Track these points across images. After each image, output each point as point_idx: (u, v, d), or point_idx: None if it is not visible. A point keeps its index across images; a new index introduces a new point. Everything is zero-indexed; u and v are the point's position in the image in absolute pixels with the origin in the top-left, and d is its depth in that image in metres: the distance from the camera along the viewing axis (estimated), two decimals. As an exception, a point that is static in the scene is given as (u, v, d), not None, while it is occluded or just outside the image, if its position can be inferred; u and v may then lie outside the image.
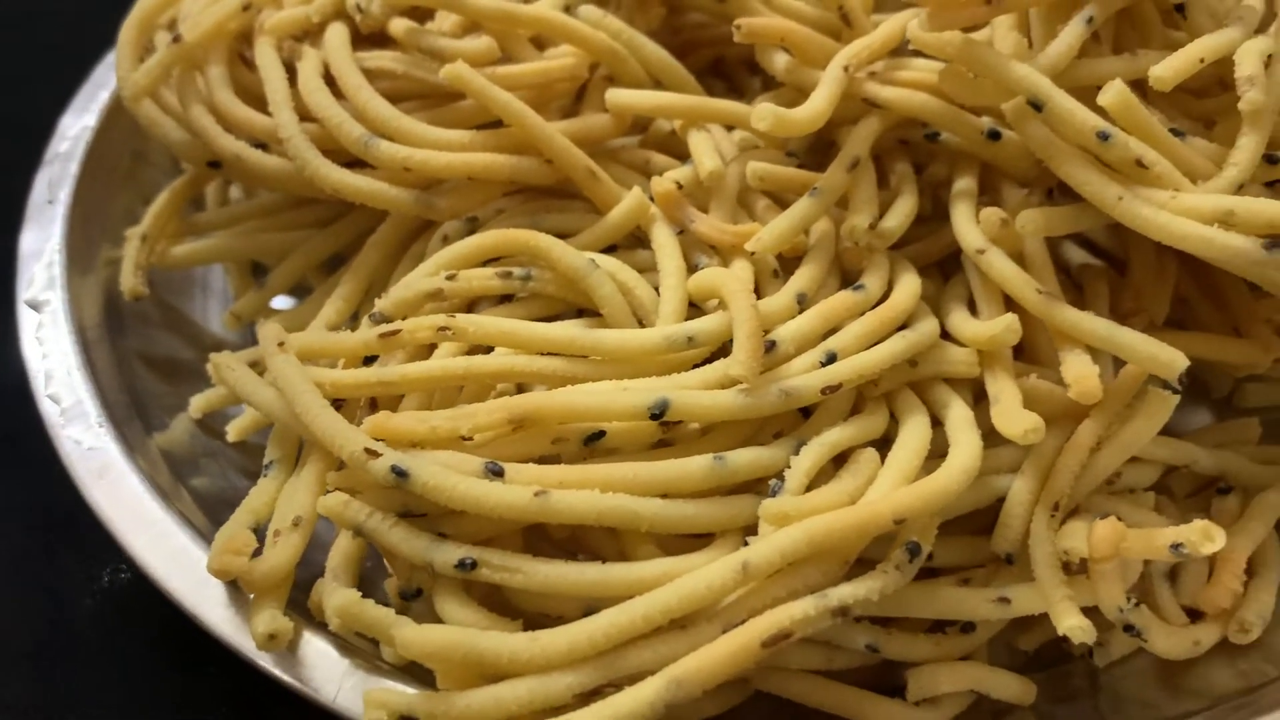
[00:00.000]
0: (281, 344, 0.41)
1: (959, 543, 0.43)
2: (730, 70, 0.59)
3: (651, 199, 0.47)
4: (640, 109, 0.48)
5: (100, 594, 0.46)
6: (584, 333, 0.41)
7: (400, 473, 0.36)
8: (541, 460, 0.38)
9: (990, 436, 0.42)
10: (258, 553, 0.38)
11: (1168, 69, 0.42)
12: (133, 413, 0.47)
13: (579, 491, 0.35)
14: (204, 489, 0.45)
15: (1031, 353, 0.46)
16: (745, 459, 0.38)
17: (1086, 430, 0.42)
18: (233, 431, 0.48)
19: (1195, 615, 0.44)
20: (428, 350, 0.42)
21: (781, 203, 0.47)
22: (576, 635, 0.34)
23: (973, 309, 0.46)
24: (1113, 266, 0.52)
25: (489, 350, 0.42)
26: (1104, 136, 0.41)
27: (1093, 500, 0.43)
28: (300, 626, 0.38)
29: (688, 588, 0.34)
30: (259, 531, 0.39)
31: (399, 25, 0.49)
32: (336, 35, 0.49)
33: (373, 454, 0.37)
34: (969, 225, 0.45)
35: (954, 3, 0.43)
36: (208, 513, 0.43)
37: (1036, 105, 0.43)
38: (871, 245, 0.45)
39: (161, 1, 0.52)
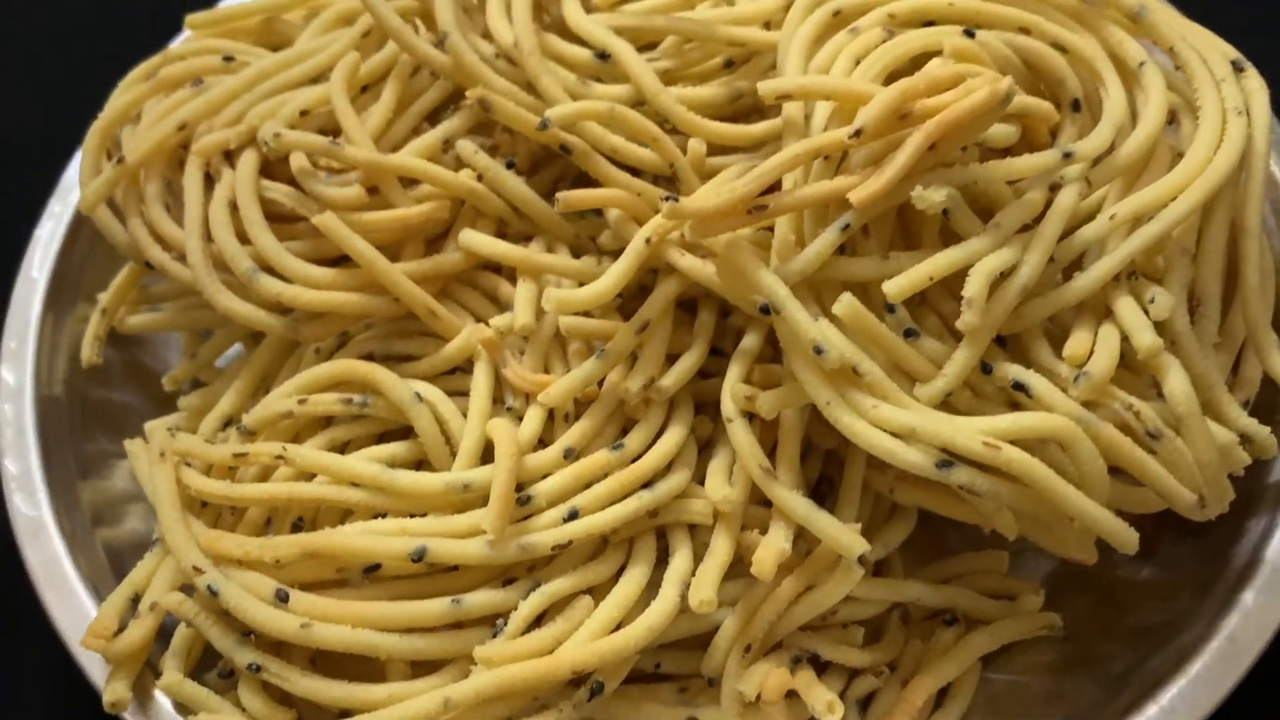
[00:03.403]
0: (163, 454, 0.53)
1: (687, 655, 0.52)
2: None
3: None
4: (484, 253, 0.57)
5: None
6: (383, 471, 0.51)
7: (213, 591, 0.48)
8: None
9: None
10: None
11: (896, 286, 0.49)
12: (73, 468, 0.60)
13: (334, 625, 0.47)
14: (123, 537, 0.59)
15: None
16: (480, 601, 0.48)
17: (787, 586, 0.51)
18: (156, 485, 0.61)
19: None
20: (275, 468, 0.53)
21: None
22: (313, 738, 0.46)
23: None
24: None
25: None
26: (819, 350, 0.48)
27: (795, 636, 0.52)
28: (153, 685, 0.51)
29: (398, 713, 0.45)
30: (138, 599, 0.52)
31: (297, 161, 0.58)
32: (246, 164, 0.58)
33: (198, 570, 0.48)
34: (727, 391, 0.52)
35: (714, 217, 0.49)
36: (116, 565, 0.56)
37: (776, 310, 0.50)
38: (649, 399, 0.54)
39: (122, 110, 0.62)
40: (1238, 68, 0.57)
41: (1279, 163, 0.64)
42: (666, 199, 0.49)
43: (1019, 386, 0.49)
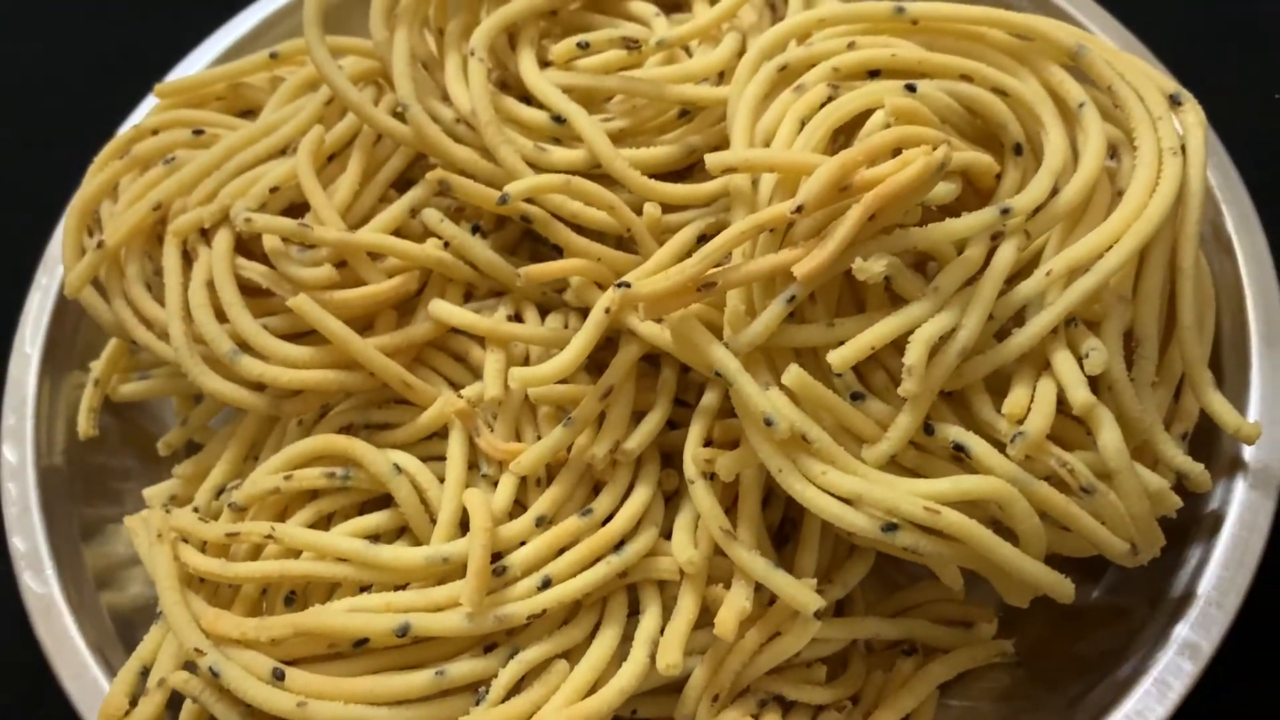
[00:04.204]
0: (160, 535, 0.56)
1: (662, 699, 0.56)
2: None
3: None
4: (454, 323, 0.59)
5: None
6: (367, 548, 0.54)
7: (214, 672, 0.51)
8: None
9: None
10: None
11: (840, 357, 0.51)
12: (76, 536, 0.63)
13: (328, 702, 0.50)
14: (127, 602, 0.62)
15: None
16: (463, 670, 0.52)
17: (751, 638, 0.54)
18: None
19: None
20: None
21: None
22: (315, 808, 0.49)
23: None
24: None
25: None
26: (769, 422, 0.51)
27: (761, 680, 0.55)
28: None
29: (391, 783, 0.49)
30: (146, 672, 0.56)
31: (269, 241, 0.60)
32: (220, 244, 0.61)
33: (200, 653, 0.52)
34: (688, 454, 0.55)
35: (668, 295, 0.52)
36: (122, 631, 0.60)
37: (729, 382, 0.52)
38: (617, 461, 0.57)
39: (97, 191, 0.65)
40: (1175, 101, 0.59)
41: (1218, 179, 0.66)
42: (619, 285, 0.51)
43: (959, 448, 0.51)
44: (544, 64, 0.65)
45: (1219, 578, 0.54)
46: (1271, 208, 0.68)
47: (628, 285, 0.51)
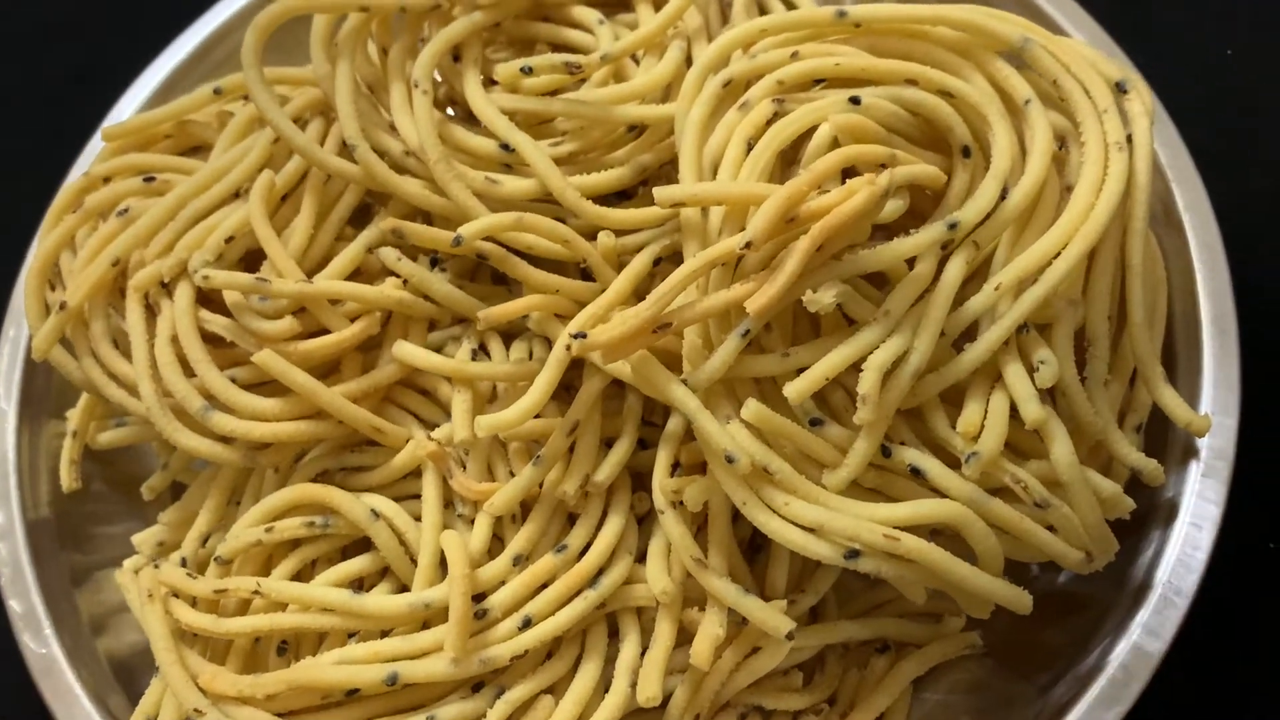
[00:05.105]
0: (151, 594, 0.58)
1: (656, 715, 0.58)
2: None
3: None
4: (419, 365, 0.60)
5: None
6: (351, 599, 0.56)
7: (214, 732, 0.54)
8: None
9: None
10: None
11: (795, 390, 0.52)
12: (69, 586, 0.64)
13: (325, 757, 0.52)
14: (124, 648, 0.64)
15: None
16: (452, 713, 0.54)
17: (728, 657, 0.56)
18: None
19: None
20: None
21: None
22: None
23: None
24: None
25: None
26: (730, 459, 0.52)
27: (740, 694, 0.58)
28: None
29: (392, 829, 0.51)
30: (151, 725, 0.58)
31: (229, 295, 0.61)
32: (182, 298, 0.61)
33: (200, 713, 0.54)
34: (656, 484, 0.57)
35: (625, 340, 0.53)
36: (121, 676, 0.62)
37: (689, 419, 0.53)
38: (588, 493, 0.58)
39: (53, 247, 0.65)
40: (1121, 89, 0.59)
41: (1167, 156, 0.66)
42: (576, 336, 0.52)
43: (915, 470, 0.53)
44: (489, 80, 0.65)
45: (1174, 566, 0.56)
46: (1225, 167, 0.68)
47: (584, 336, 0.52)
